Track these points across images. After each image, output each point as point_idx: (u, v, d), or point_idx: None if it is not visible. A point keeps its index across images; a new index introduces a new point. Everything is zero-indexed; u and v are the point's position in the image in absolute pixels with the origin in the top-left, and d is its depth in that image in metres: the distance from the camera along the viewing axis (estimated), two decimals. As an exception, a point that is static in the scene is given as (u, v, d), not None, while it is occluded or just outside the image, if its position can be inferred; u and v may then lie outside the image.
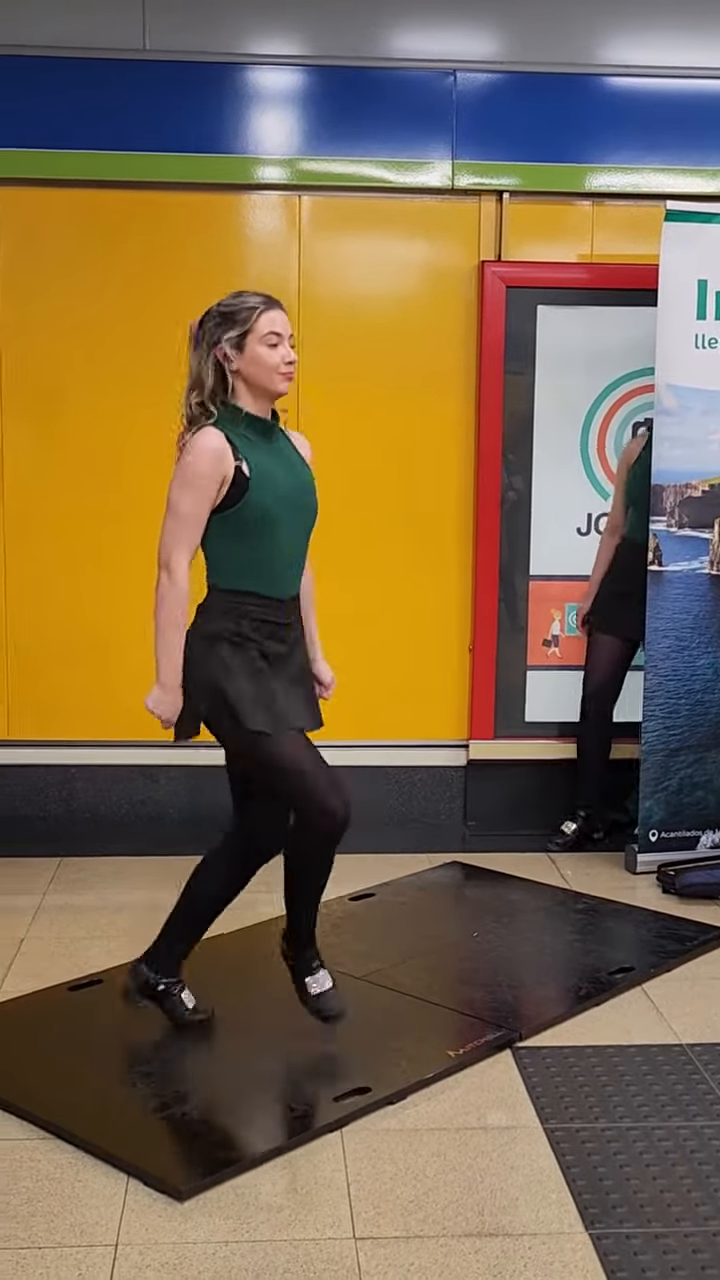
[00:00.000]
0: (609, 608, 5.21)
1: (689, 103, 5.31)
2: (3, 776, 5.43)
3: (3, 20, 5.03)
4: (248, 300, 3.36)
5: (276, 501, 3.34)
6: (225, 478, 3.29)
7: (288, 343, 3.36)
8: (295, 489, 3.40)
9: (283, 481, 3.37)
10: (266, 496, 3.32)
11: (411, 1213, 2.80)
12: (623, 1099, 3.29)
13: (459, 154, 5.23)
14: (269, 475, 3.34)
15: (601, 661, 5.22)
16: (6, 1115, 3.19)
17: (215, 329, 3.33)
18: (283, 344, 3.34)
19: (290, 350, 3.36)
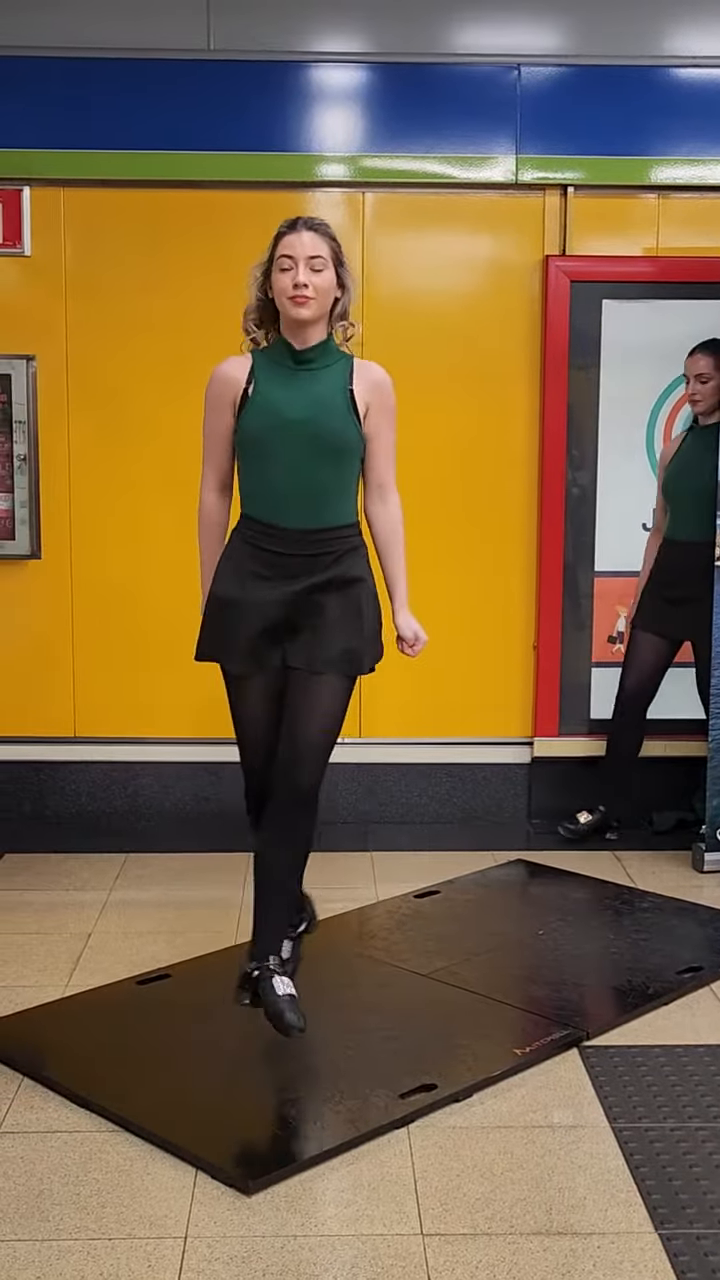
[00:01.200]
0: (650, 606, 5.19)
1: (756, 93, 5.25)
2: (69, 774, 5.48)
3: (68, 23, 5.08)
4: (279, 227, 3.33)
5: (272, 426, 3.29)
6: (235, 399, 3.33)
7: (303, 266, 3.24)
8: (304, 416, 3.29)
9: (288, 408, 3.29)
10: (258, 420, 3.30)
11: (479, 1210, 2.80)
12: (691, 1099, 3.26)
13: (523, 149, 5.21)
14: (271, 400, 3.30)
15: (640, 660, 5.19)
16: (77, 1108, 3.22)
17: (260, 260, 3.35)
18: (295, 268, 3.24)
19: (301, 273, 3.23)
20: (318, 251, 3.27)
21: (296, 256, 3.24)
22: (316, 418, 3.31)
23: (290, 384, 3.32)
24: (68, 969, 4.06)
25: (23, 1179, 2.92)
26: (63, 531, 5.33)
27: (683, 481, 5.07)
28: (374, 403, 3.37)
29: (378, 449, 3.43)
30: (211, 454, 3.43)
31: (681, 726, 5.31)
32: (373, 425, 3.39)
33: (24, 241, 5.21)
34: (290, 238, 3.28)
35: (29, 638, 5.41)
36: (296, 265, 3.24)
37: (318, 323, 3.32)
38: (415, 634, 3.52)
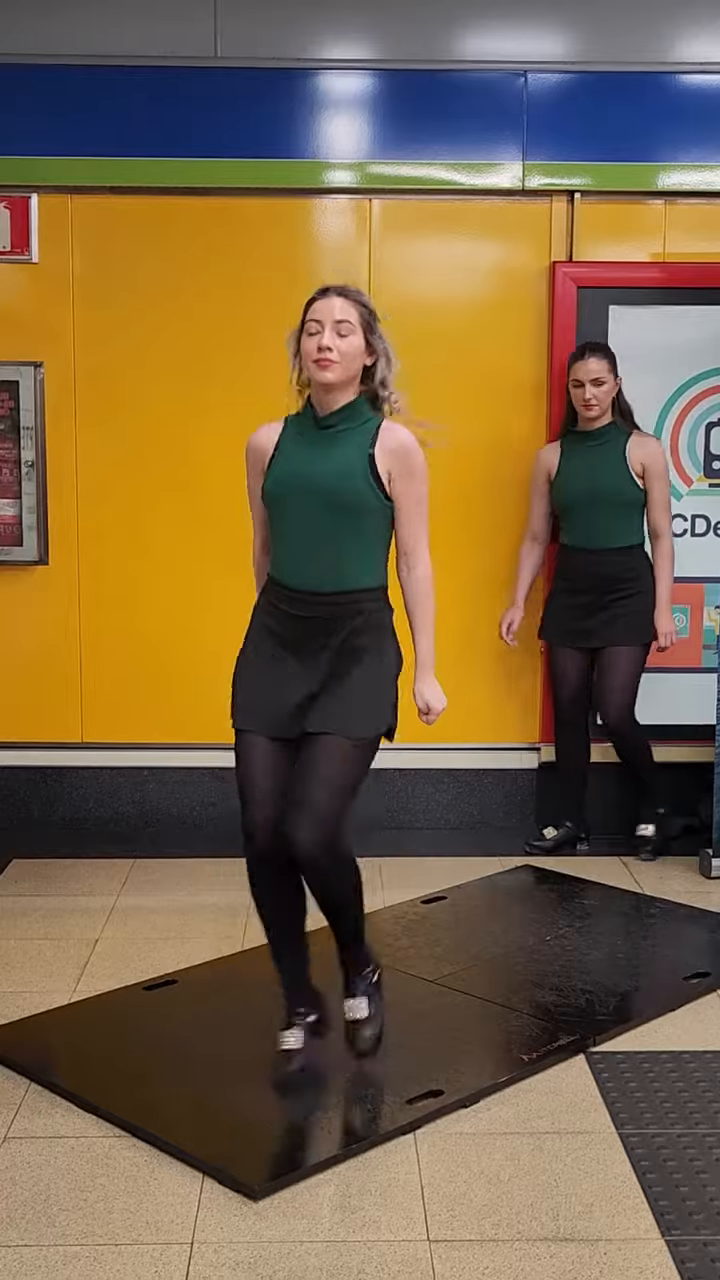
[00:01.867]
0: (559, 619, 5.12)
1: (762, 99, 5.25)
2: (76, 779, 5.49)
3: (76, 31, 5.09)
4: (314, 295, 3.34)
5: (286, 489, 3.30)
6: (264, 465, 3.37)
7: (329, 330, 3.24)
8: (317, 481, 3.28)
9: (302, 471, 3.30)
10: (275, 481, 3.33)
11: (486, 1216, 2.79)
12: (699, 1105, 3.25)
13: (530, 155, 5.21)
14: (288, 463, 3.33)
15: (565, 674, 5.13)
16: (84, 1114, 3.23)
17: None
18: (322, 332, 3.24)
19: (328, 337, 3.23)
20: (345, 316, 3.26)
21: (323, 321, 3.26)
22: (331, 481, 3.28)
23: (311, 449, 3.33)
24: (75, 974, 4.06)
25: (29, 1184, 2.92)
26: (70, 537, 5.34)
27: (576, 489, 5.01)
28: (395, 468, 3.32)
29: (404, 514, 3.36)
30: (254, 516, 3.48)
31: (688, 732, 5.31)
32: (397, 491, 3.33)
33: (32, 248, 5.23)
34: (319, 303, 3.29)
35: (36, 643, 5.42)
36: (323, 329, 3.25)
37: (344, 388, 3.31)
38: (427, 704, 3.45)
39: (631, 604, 4.99)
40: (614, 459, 4.95)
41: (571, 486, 5.02)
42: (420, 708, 3.46)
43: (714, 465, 5.32)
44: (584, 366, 4.91)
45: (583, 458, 5.00)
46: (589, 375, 4.90)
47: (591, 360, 4.90)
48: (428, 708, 3.46)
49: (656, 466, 4.97)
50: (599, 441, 4.99)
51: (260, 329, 3.51)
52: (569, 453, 5.04)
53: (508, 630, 5.22)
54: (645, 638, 5.02)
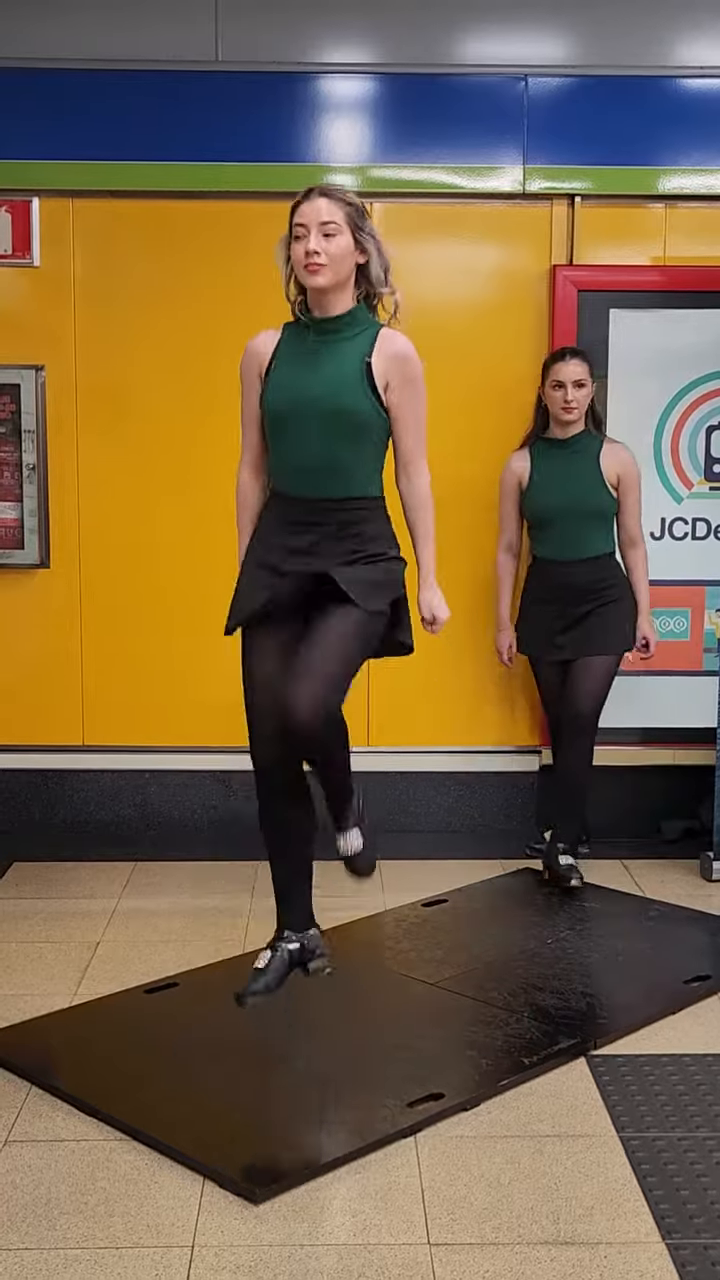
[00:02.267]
0: (536, 633, 4.96)
1: (763, 103, 5.26)
2: (78, 782, 5.49)
3: (76, 35, 5.10)
4: (298, 198, 3.30)
5: (286, 405, 3.28)
6: (260, 374, 3.34)
7: (315, 232, 3.20)
8: (314, 390, 3.26)
9: (300, 381, 3.28)
10: (273, 398, 3.31)
11: (486, 1219, 2.80)
12: (700, 1108, 3.25)
13: (530, 159, 5.22)
14: (286, 374, 3.30)
15: (552, 687, 4.98)
16: (84, 1117, 3.23)
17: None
18: (308, 235, 3.20)
19: (315, 240, 3.19)
20: (331, 217, 3.21)
21: (309, 224, 3.21)
22: (328, 395, 3.25)
23: (307, 359, 3.29)
24: (76, 977, 4.06)
25: (30, 1188, 2.92)
26: (71, 541, 5.35)
27: (552, 499, 4.85)
28: (394, 376, 3.29)
29: (402, 424, 3.34)
30: (245, 431, 3.45)
31: (689, 735, 5.31)
32: (394, 399, 3.30)
33: (33, 252, 5.23)
34: (304, 206, 3.24)
35: (38, 646, 5.42)
36: (309, 232, 3.20)
37: (339, 290, 3.27)
38: (433, 613, 3.45)
39: (605, 613, 4.83)
40: (589, 468, 4.81)
41: (547, 497, 4.87)
42: (425, 617, 3.47)
43: (714, 469, 5.32)
44: (565, 368, 4.77)
45: (556, 466, 4.86)
46: (571, 377, 4.75)
47: (573, 362, 4.78)
48: (433, 616, 3.47)
49: (631, 475, 4.84)
50: (572, 450, 4.85)
51: (261, 330, 3.51)
52: (541, 461, 4.89)
53: (507, 655, 5.11)
54: (620, 646, 4.88)
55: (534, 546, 5.01)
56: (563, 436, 4.87)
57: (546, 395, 4.84)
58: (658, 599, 5.33)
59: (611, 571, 4.89)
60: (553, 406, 4.82)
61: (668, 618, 5.39)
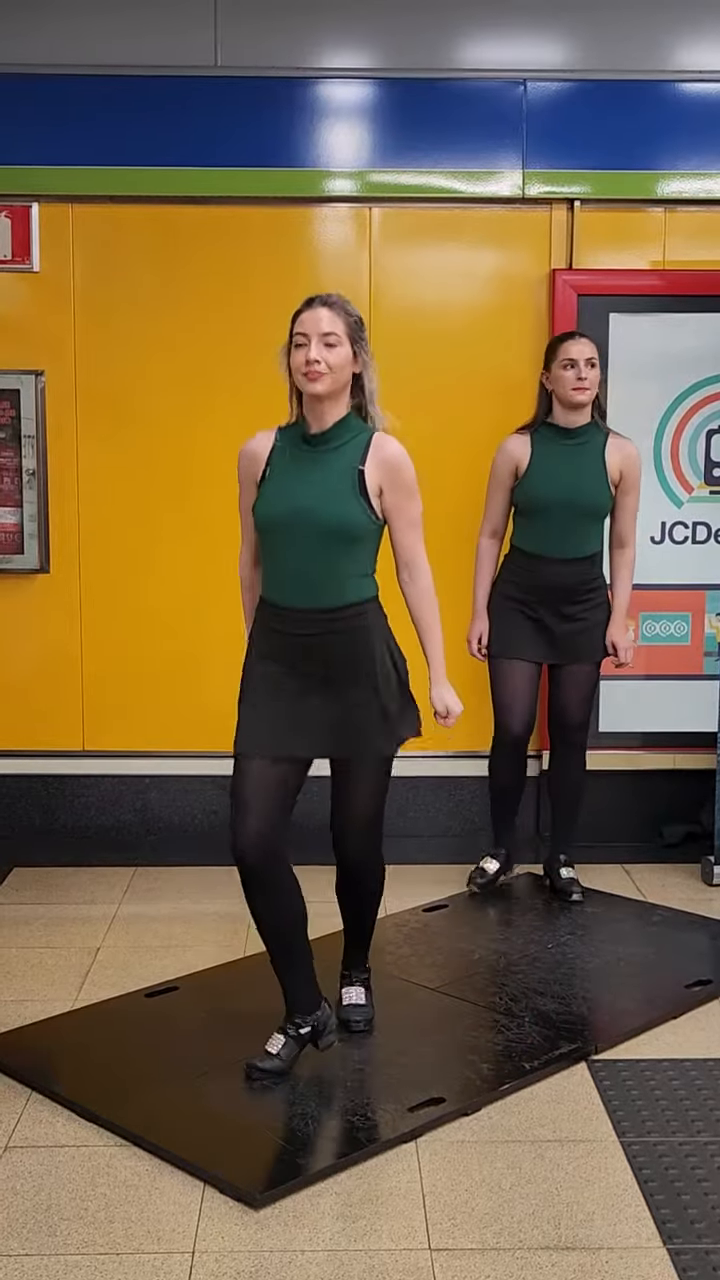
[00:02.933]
0: (513, 630, 4.67)
1: (762, 107, 5.27)
2: (78, 787, 5.49)
3: (76, 40, 5.10)
4: (299, 307, 3.33)
5: (277, 509, 3.30)
6: (256, 478, 3.37)
7: (316, 343, 3.23)
8: (308, 504, 3.28)
9: (296, 491, 3.30)
10: (268, 503, 3.32)
11: (487, 1225, 2.79)
12: (701, 1113, 3.25)
13: (529, 163, 5.22)
14: (282, 483, 3.32)
15: (520, 690, 4.68)
16: (85, 1122, 3.22)
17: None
18: (309, 344, 3.23)
19: (316, 349, 3.22)
20: (332, 328, 3.24)
21: (310, 333, 3.24)
22: (322, 507, 3.28)
23: (301, 469, 3.32)
24: (76, 982, 4.06)
25: (30, 1193, 2.92)
26: (71, 546, 5.35)
27: (551, 491, 4.56)
28: (386, 482, 3.33)
29: (399, 526, 3.39)
30: (244, 528, 3.49)
31: (690, 739, 5.31)
32: (389, 503, 3.35)
33: (33, 257, 5.24)
34: (305, 315, 3.28)
35: (38, 651, 5.42)
36: (309, 342, 3.24)
37: (334, 399, 3.30)
38: (447, 708, 3.52)
39: (594, 616, 4.65)
40: (593, 463, 4.56)
41: (545, 488, 4.56)
42: (439, 711, 3.52)
43: (714, 472, 5.32)
44: (576, 345, 4.51)
45: (559, 457, 4.57)
46: (584, 355, 4.48)
47: (583, 340, 4.54)
48: (447, 711, 3.53)
49: (634, 473, 4.60)
50: (578, 441, 4.57)
51: (260, 336, 3.53)
52: (542, 450, 4.58)
53: (479, 645, 4.74)
54: (606, 652, 4.72)
55: (517, 538, 4.70)
56: (568, 425, 4.58)
57: (555, 378, 4.54)
58: (658, 603, 5.35)
59: (599, 571, 4.71)
60: (563, 388, 4.52)
61: (668, 622, 5.39)
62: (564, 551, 4.60)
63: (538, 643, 4.66)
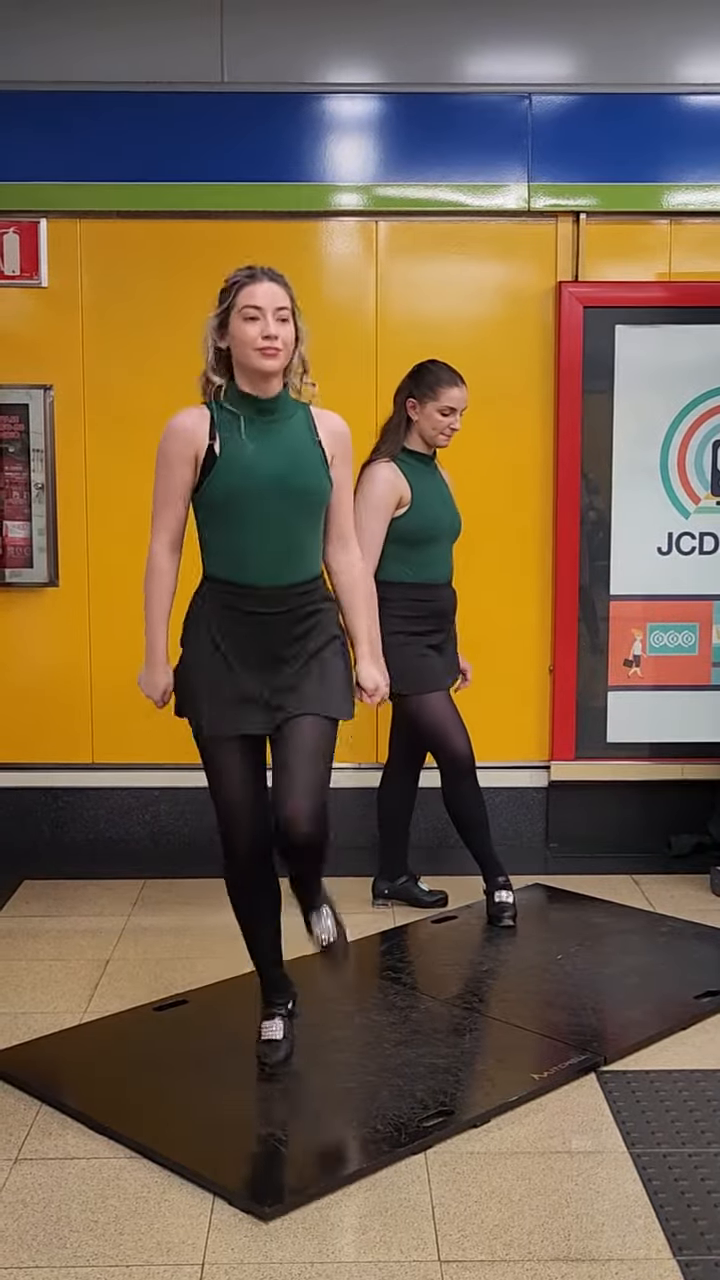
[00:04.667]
0: (436, 664, 4.58)
1: (767, 119, 5.28)
2: (88, 800, 5.50)
3: (83, 57, 5.14)
4: (235, 275, 3.28)
5: (245, 483, 3.23)
6: (196, 456, 3.27)
7: (271, 317, 3.19)
8: (279, 470, 3.24)
9: (264, 463, 3.24)
10: (234, 479, 3.24)
11: (497, 1236, 2.79)
12: (710, 1124, 3.24)
13: (535, 176, 5.25)
14: (244, 456, 3.24)
15: (455, 716, 4.57)
16: (95, 1135, 3.23)
17: (216, 306, 3.31)
18: (263, 317, 3.18)
19: (271, 324, 3.18)
20: (283, 303, 3.22)
21: (264, 307, 3.20)
22: (292, 473, 3.26)
23: (259, 439, 3.27)
24: (86, 995, 4.07)
25: (41, 1206, 2.92)
26: (80, 559, 5.37)
27: (441, 518, 4.57)
28: (338, 452, 3.36)
29: (341, 499, 3.42)
30: (167, 511, 3.34)
31: (698, 750, 5.31)
32: (336, 475, 3.36)
33: (41, 273, 5.27)
34: (254, 288, 3.21)
35: (47, 665, 5.44)
36: (264, 315, 3.20)
37: (279, 375, 3.29)
38: (375, 685, 3.52)
39: (453, 638, 4.69)
40: (447, 488, 4.63)
41: (436, 515, 4.54)
42: (368, 688, 3.52)
43: (721, 483, 5.34)
44: (459, 393, 4.49)
45: (431, 484, 4.56)
46: (462, 405, 4.51)
47: (463, 389, 4.51)
48: (375, 687, 3.52)
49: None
50: (432, 467, 4.59)
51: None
52: (415, 478, 4.50)
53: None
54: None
55: (404, 571, 4.52)
56: (426, 453, 4.58)
57: (431, 418, 4.50)
58: (665, 614, 5.36)
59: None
60: (431, 430, 4.52)
61: (675, 633, 5.39)
62: (448, 576, 4.66)
63: (444, 672, 4.64)
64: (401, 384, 4.56)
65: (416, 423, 4.52)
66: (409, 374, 4.55)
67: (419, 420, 4.51)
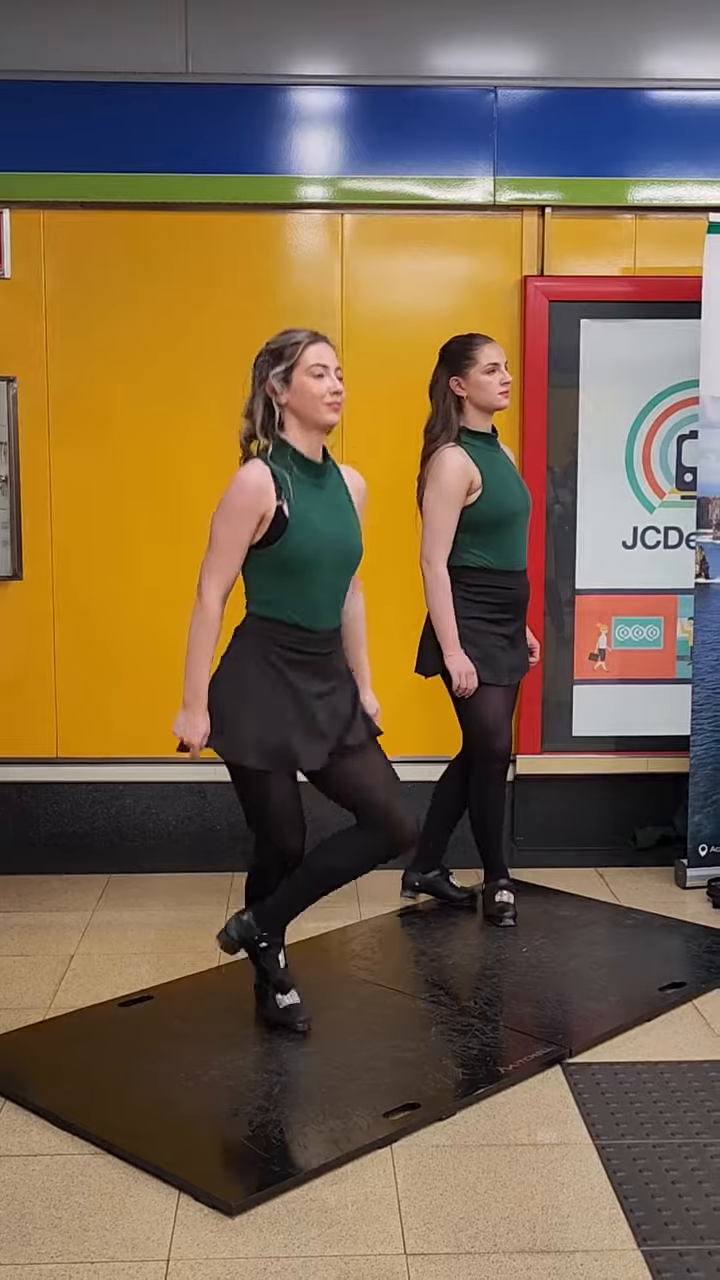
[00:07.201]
0: (496, 655, 4.48)
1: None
2: (52, 794, 5.46)
3: (45, 46, 5.10)
4: (294, 335, 3.49)
5: (316, 545, 3.45)
6: (265, 515, 3.42)
7: (334, 374, 3.47)
8: (338, 532, 3.51)
9: (325, 525, 3.47)
10: (305, 539, 3.43)
11: (462, 1229, 2.79)
12: (674, 1115, 3.26)
13: (500, 170, 5.24)
14: (310, 518, 3.44)
15: (503, 714, 4.51)
16: (59, 1131, 3.21)
17: (264, 365, 3.49)
18: (328, 375, 3.46)
19: (337, 382, 3.46)
20: (339, 363, 3.52)
21: (329, 364, 3.47)
22: (346, 535, 3.54)
23: (317, 500, 3.50)
24: (50, 991, 4.05)
25: (4, 1202, 2.91)
26: (44, 552, 5.33)
27: (511, 500, 4.45)
28: (360, 508, 3.65)
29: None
30: (226, 561, 3.49)
31: (663, 743, 5.33)
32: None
33: (4, 264, 5.22)
34: (318, 347, 3.47)
35: (10, 659, 5.40)
36: (329, 373, 3.46)
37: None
38: (376, 709, 3.80)
39: (525, 629, 4.64)
40: (513, 465, 4.53)
41: (506, 497, 4.42)
42: (371, 714, 3.76)
43: (686, 478, 5.35)
44: (494, 348, 4.40)
45: (498, 464, 4.46)
46: (503, 357, 4.40)
47: (495, 344, 4.43)
48: (377, 712, 3.80)
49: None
50: (495, 445, 4.48)
51: (232, 343, 3.55)
52: (481, 459, 4.39)
53: (470, 681, 4.42)
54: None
55: (474, 557, 4.44)
56: (487, 430, 4.48)
57: (478, 381, 4.39)
58: (630, 608, 5.38)
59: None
60: (486, 393, 4.40)
61: (640, 626, 5.41)
62: (521, 562, 4.56)
63: (513, 667, 4.56)
64: (435, 376, 4.50)
65: (468, 398, 4.42)
66: (438, 363, 4.51)
67: (471, 393, 4.41)
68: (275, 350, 3.49)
